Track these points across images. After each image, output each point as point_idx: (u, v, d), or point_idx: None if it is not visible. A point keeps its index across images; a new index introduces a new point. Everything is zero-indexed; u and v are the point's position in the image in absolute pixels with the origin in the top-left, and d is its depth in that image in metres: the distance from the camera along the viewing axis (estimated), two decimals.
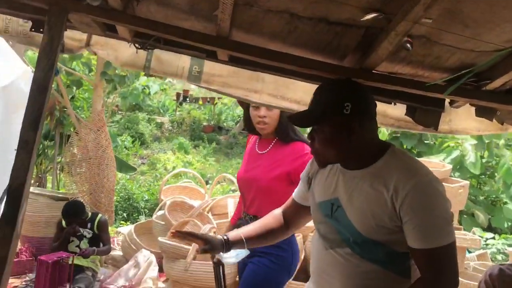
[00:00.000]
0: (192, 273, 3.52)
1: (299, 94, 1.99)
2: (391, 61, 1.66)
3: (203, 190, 5.12)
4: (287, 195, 2.02)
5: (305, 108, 1.70)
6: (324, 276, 1.62)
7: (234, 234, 1.79)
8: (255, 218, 2.42)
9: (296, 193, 1.86)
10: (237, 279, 3.75)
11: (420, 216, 1.43)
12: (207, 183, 6.81)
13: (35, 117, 1.57)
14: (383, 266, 1.52)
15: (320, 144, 1.53)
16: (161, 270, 4.22)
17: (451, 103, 2.05)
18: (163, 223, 4.34)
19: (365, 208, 1.49)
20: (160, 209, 4.52)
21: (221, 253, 1.77)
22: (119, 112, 17.47)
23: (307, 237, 3.73)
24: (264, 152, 2.50)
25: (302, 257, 3.68)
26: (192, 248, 3.58)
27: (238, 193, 5.27)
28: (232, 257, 1.79)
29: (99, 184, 5.08)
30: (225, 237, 1.75)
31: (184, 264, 3.54)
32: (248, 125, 2.51)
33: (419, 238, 1.43)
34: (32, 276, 4.14)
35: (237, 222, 2.66)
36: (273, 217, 1.89)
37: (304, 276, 3.69)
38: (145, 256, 4.88)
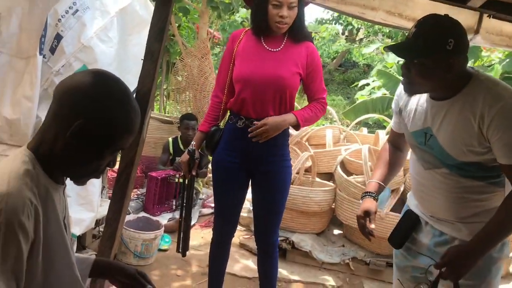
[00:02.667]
0: (290, 196, 3.63)
1: (417, 12, 1.88)
2: None
3: None
4: (295, 93, 2.38)
5: None
6: (427, 192, 1.77)
7: (374, 185, 1.96)
8: (251, 121, 2.38)
9: (394, 125, 1.99)
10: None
11: (507, 134, 1.51)
12: None
13: (160, 29, 1.65)
14: (480, 180, 1.65)
15: (418, 76, 1.58)
16: None
17: None
18: None
19: (455, 135, 1.59)
20: None
21: None
22: (218, 45, 17.78)
23: (407, 170, 3.66)
24: (277, 49, 2.39)
25: (401, 189, 3.64)
26: None
27: (335, 124, 5.24)
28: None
29: (200, 109, 5.31)
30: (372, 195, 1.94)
31: None
32: (259, 22, 2.36)
33: (508, 155, 1.52)
34: (142, 190, 4.52)
35: (211, 129, 2.52)
36: (385, 150, 2.04)
37: (401, 208, 3.66)
38: None
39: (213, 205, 4.68)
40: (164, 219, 3.98)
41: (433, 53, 1.52)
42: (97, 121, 1.12)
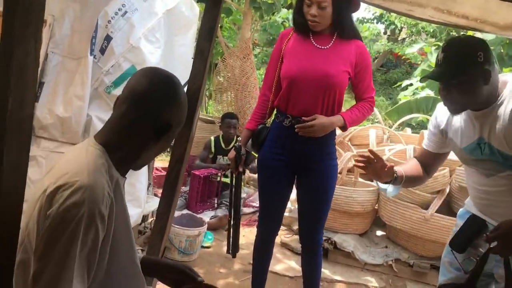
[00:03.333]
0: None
1: (466, 8, 1.84)
2: None
3: None
4: (343, 91, 2.38)
5: (474, 23, 1.68)
6: (493, 199, 1.77)
7: (399, 169, 1.94)
8: (297, 120, 2.37)
9: (429, 144, 1.99)
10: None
11: None
12: None
13: (210, 28, 1.69)
14: None
15: (460, 94, 1.64)
16: None
17: None
18: None
19: (507, 135, 1.62)
20: None
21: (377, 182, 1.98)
22: (257, 46, 17.83)
23: (453, 171, 3.58)
24: (326, 47, 2.37)
25: (447, 191, 3.56)
26: None
27: (378, 124, 5.17)
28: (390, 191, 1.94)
29: (240, 109, 5.35)
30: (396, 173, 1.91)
31: None
32: (298, 20, 2.39)
33: None
34: (185, 188, 4.61)
35: (258, 127, 2.54)
36: (416, 164, 2.03)
37: (446, 209, 3.59)
38: None
39: (254, 204, 4.73)
40: (206, 217, 4.04)
41: (468, 69, 1.60)
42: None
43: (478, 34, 4.20)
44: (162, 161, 5.78)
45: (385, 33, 19.28)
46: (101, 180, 1.14)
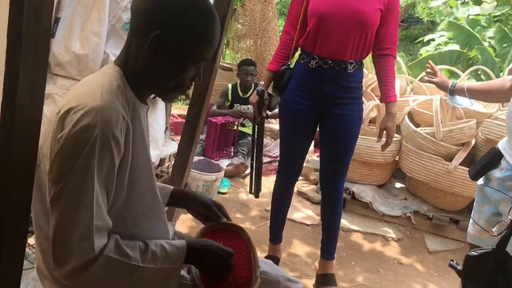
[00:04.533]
0: None
1: None
2: None
3: (366, 70, 4.95)
4: (375, 31, 2.26)
5: None
6: None
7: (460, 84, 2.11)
8: (324, 62, 2.25)
9: None
10: None
11: None
12: None
13: None
14: None
15: None
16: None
17: None
18: None
19: None
20: None
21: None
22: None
23: (481, 123, 3.45)
24: None
25: (472, 143, 3.45)
26: None
27: (399, 75, 5.01)
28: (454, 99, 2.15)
29: (259, 56, 5.20)
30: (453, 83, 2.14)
31: None
32: None
33: None
34: (202, 136, 4.55)
35: (281, 68, 2.40)
36: (501, 80, 2.06)
37: (470, 163, 3.48)
38: None
39: (270, 153, 4.67)
40: (223, 164, 4.00)
41: None
42: (173, 29, 1.09)
43: None
44: (178, 109, 5.71)
45: None
46: (115, 102, 1.06)
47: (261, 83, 2.47)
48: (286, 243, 2.91)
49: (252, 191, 2.65)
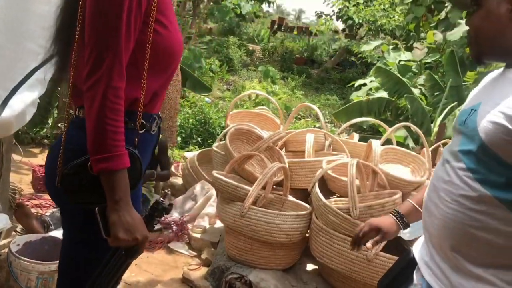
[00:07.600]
0: (250, 221, 2.73)
1: None
2: None
3: (279, 120, 4.23)
4: None
5: None
6: (433, 197, 1.33)
7: (406, 206, 1.66)
8: None
9: None
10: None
11: None
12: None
13: None
14: (497, 195, 1.17)
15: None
16: None
17: None
18: (223, 153, 3.54)
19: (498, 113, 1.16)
20: (224, 137, 3.71)
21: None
22: (212, 36, 16.89)
23: (408, 195, 2.75)
24: None
25: None
26: (252, 189, 2.77)
27: (322, 127, 4.32)
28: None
29: None
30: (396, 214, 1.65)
31: (241, 208, 2.76)
32: None
33: None
34: None
35: None
36: None
37: (396, 247, 2.76)
38: (204, 189, 4.21)
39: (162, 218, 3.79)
40: None
41: None
42: None
43: None
44: None
45: (343, 30, 18.75)
46: None
47: None
48: None
49: None
